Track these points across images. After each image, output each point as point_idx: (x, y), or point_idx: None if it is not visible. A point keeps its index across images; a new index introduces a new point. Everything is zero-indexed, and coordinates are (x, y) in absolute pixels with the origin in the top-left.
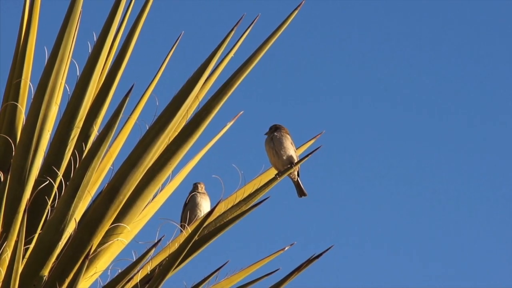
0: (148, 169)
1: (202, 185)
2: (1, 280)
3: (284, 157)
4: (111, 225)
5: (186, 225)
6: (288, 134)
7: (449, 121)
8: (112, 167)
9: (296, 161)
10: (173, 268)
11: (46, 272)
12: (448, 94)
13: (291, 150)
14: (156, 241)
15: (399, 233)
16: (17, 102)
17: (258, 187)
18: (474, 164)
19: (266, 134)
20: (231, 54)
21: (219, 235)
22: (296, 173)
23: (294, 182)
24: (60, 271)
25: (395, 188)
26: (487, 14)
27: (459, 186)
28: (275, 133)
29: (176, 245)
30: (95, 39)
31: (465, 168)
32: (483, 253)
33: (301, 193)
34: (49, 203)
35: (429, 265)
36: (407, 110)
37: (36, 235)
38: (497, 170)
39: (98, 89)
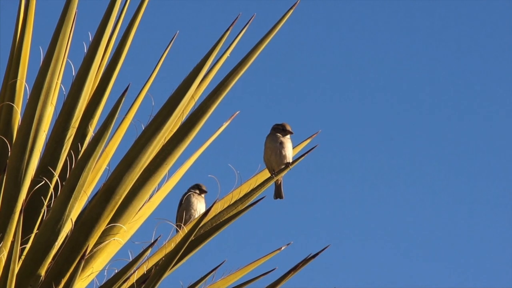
0: (144, 169)
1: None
2: None
3: (284, 158)
4: (107, 225)
5: (182, 225)
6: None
7: (448, 120)
8: (108, 167)
9: (291, 161)
10: (170, 268)
11: (42, 272)
12: (447, 92)
13: (291, 152)
14: (152, 241)
15: (396, 232)
16: (12, 102)
17: (254, 186)
18: (474, 163)
19: (288, 132)
20: (227, 54)
21: (215, 235)
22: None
23: (276, 183)
24: (57, 271)
25: (392, 187)
26: (486, 14)
27: (458, 184)
28: (284, 134)
29: (173, 245)
30: (90, 39)
31: (464, 166)
32: (483, 253)
33: (278, 195)
34: (45, 203)
35: (427, 264)
36: (404, 108)
37: (32, 235)
38: (497, 169)
39: (94, 89)
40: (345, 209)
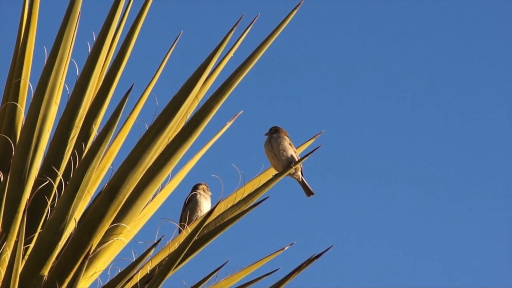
0: (148, 168)
1: (204, 186)
2: (1, 280)
3: (283, 159)
4: (110, 225)
5: (186, 225)
6: (287, 136)
7: (450, 120)
8: (111, 167)
9: (296, 160)
10: (173, 268)
11: (46, 272)
12: (449, 92)
13: (290, 151)
14: (156, 241)
15: (399, 232)
16: (16, 102)
17: (258, 186)
18: (475, 164)
19: (265, 134)
20: (231, 54)
21: (219, 235)
22: (300, 173)
23: (299, 182)
24: (60, 271)
25: (395, 187)
26: (486, 13)
27: (459, 185)
28: (273, 135)
29: (176, 245)
30: (94, 39)
31: (466, 167)
32: (483, 253)
33: (308, 192)
34: (49, 203)
35: (429, 265)
36: (407, 108)
37: (36, 235)
38: (497, 169)
39: (98, 89)
40: (349, 209)
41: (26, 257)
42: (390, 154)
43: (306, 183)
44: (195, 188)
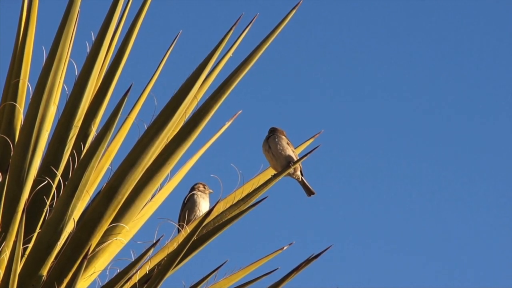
0: (147, 168)
1: (201, 186)
2: (0, 280)
3: (282, 158)
4: (109, 224)
5: (185, 225)
6: (284, 135)
7: (450, 120)
8: (110, 167)
9: (295, 160)
10: (172, 267)
11: (44, 272)
12: (449, 92)
13: (288, 150)
14: (154, 240)
15: (398, 232)
16: (15, 102)
17: (257, 186)
18: (475, 163)
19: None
20: (230, 54)
21: (217, 235)
22: (299, 173)
23: (299, 182)
24: (59, 271)
25: (394, 187)
26: (487, 13)
27: (459, 185)
28: (270, 135)
29: (175, 245)
30: (93, 39)
31: (466, 167)
32: (483, 253)
33: (309, 192)
34: (48, 203)
35: (428, 264)
36: (406, 108)
37: (35, 235)
38: (497, 169)
39: (97, 88)
40: (348, 209)
41: (25, 257)
42: (389, 153)
43: (306, 182)
44: (193, 188)
